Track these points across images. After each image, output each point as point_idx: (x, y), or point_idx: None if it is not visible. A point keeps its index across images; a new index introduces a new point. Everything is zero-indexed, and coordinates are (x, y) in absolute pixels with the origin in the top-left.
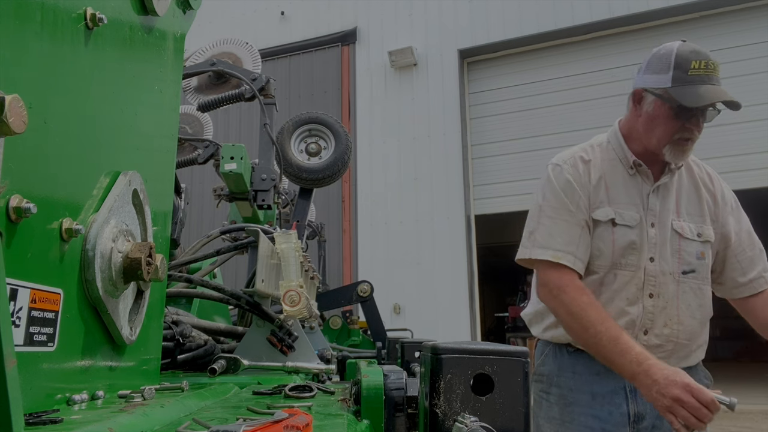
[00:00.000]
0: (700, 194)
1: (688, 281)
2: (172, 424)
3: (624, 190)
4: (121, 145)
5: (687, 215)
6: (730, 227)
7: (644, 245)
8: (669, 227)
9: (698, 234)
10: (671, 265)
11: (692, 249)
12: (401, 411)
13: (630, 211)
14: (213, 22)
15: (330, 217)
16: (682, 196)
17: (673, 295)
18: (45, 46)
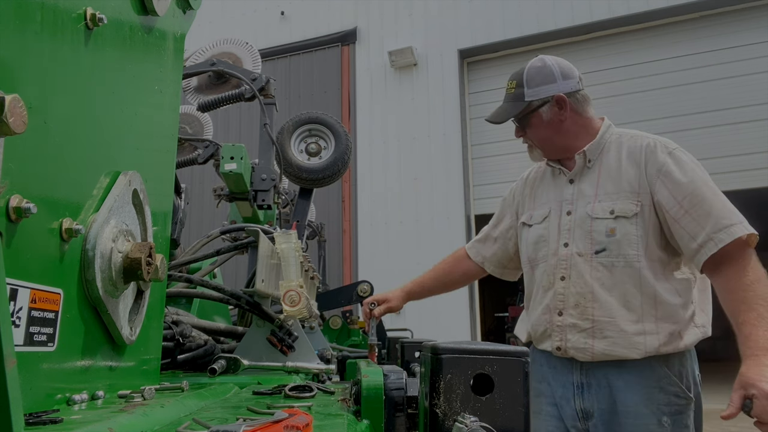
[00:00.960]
0: (621, 170)
1: (601, 259)
2: (172, 424)
3: (546, 191)
4: (121, 145)
5: (604, 195)
6: (663, 194)
7: (554, 235)
8: (584, 211)
9: (611, 211)
10: (583, 247)
11: (602, 227)
12: (401, 411)
13: (542, 209)
14: (213, 22)
15: (330, 217)
16: (602, 177)
17: (587, 275)
18: (45, 46)
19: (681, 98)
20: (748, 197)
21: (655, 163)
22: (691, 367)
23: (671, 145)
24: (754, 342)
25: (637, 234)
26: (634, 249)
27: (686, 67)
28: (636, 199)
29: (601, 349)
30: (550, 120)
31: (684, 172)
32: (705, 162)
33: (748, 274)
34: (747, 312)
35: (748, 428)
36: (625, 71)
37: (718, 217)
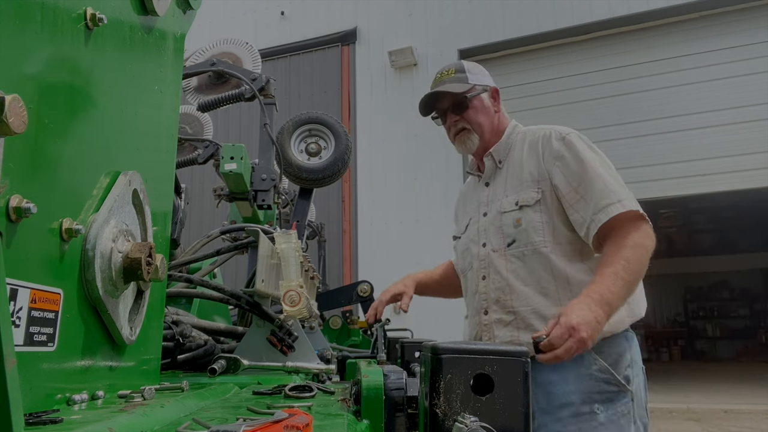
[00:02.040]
0: (523, 163)
1: (513, 251)
2: (172, 424)
3: (470, 201)
4: (121, 145)
5: (510, 189)
6: (559, 179)
7: (474, 239)
8: (494, 209)
9: (516, 202)
10: (496, 242)
11: (509, 220)
12: (401, 411)
13: (465, 218)
14: (213, 22)
15: (330, 217)
16: (509, 173)
17: (502, 270)
18: (45, 46)
19: (681, 98)
20: (748, 197)
21: (551, 150)
22: (629, 353)
23: (565, 131)
24: (593, 289)
25: (542, 220)
26: (539, 235)
27: (686, 67)
28: (536, 186)
29: (528, 340)
30: (489, 107)
31: (576, 157)
32: (705, 162)
33: (626, 242)
34: (605, 267)
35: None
36: (624, 71)
37: (598, 198)
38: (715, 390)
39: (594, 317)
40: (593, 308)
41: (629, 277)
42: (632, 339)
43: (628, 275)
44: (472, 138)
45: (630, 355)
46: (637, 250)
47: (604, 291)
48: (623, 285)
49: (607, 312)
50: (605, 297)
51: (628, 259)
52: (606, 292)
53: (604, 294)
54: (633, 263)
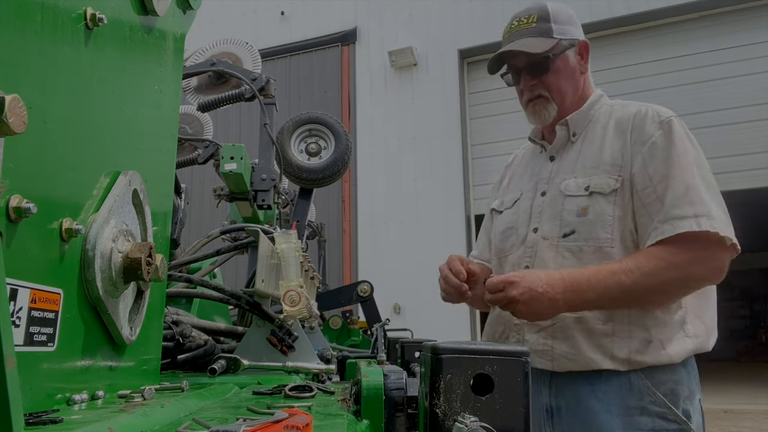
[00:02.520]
0: (605, 142)
1: (568, 244)
2: (172, 424)
3: (523, 172)
4: (121, 145)
5: (582, 170)
6: (638, 167)
7: (524, 220)
8: (557, 189)
9: (586, 187)
10: (550, 230)
11: (573, 206)
12: (401, 411)
13: (513, 192)
14: (213, 22)
15: (330, 217)
16: (584, 151)
17: (550, 262)
18: (45, 46)
19: (681, 98)
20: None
21: (642, 133)
22: (689, 388)
23: (666, 113)
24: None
25: (614, 214)
26: (607, 231)
27: (686, 67)
28: (617, 173)
29: (563, 352)
30: (574, 67)
31: (668, 147)
32: None
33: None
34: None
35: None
36: (624, 71)
37: (672, 203)
38: (715, 390)
39: (546, 293)
40: (554, 286)
41: (629, 283)
42: (693, 369)
43: (629, 280)
44: (548, 108)
45: (688, 385)
46: (669, 271)
47: (583, 280)
48: (614, 287)
49: (571, 302)
50: (579, 285)
51: (643, 270)
52: (584, 282)
53: (581, 282)
54: (647, 276)
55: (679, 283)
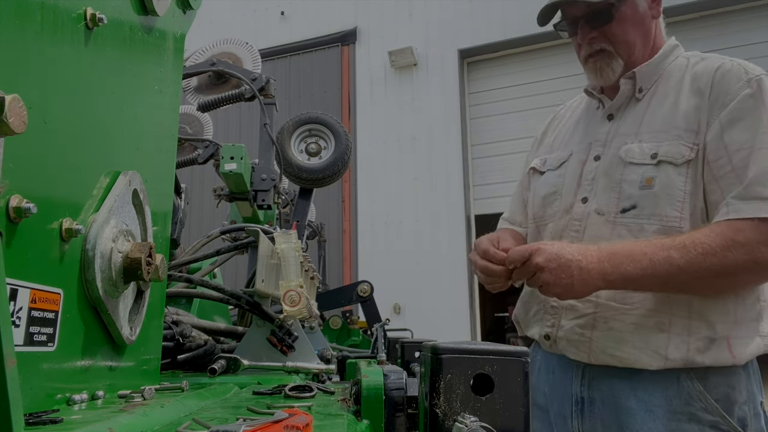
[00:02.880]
0: (679, 101)
1: (627, 221)
2: (172, 424)
3: (574, 130)
4: (121, 145)
5: (648, 133)
6: (714, 133)
7: (571, 186)
8: (616, 154)
9: (653, 154)
10: (607, 202)
11: (636, 176)
12: (401, 411)
13: (561, 151)
14: (213, 22)
15: (330, 217)
16: (651, 110)
17: (603, 241)
18: (45, 46)
19: None
20: None
21: (725, 90)
22: (749, 391)
23: (754, 71)
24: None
25: (685, 189)
26: (676, 208)
27: None
28: (692, 140)
29: (602, 347)
30: (644, 13)
31: (757, 110)
32: None
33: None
34: (664, 237)
35: None
36: None
37: (758, 178)
38: None
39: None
40: (588, 255)
41: (681, 261)
42: (754, 370)
43: (681, 258)
44: (612, 64)
45: (747, 388)
46: (734, 252)
47: (622, 251)
48: (662, 263)
49: (607, 274)
50: (616, 256)
51: (702, 247)
52: (624, 253)
53: (619, 253)
54: (705, 254)
55: (746, 267)
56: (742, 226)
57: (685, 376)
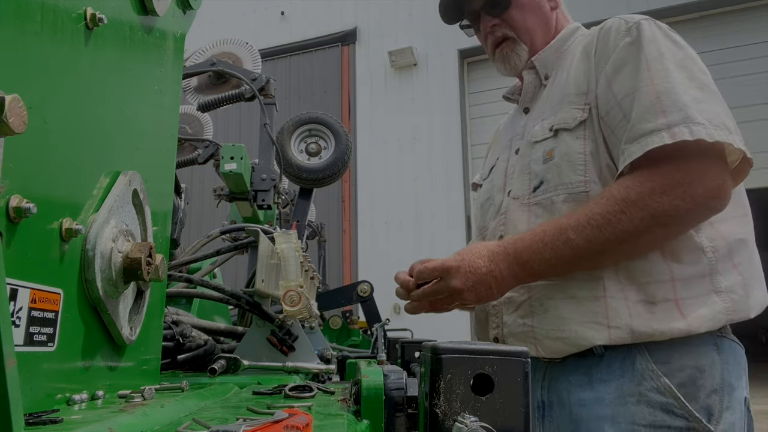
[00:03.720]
0: (571, 71)
1: (539, 199)
2: (172, 424)
3: (504, 135)
4: (121, 145)
5: (549, 110)
6: (601, 88)
7: (500, 186)
8: (526, 140)
9: (551, 128)
10: (520, 187)
11: (539, 154)
12: (401, 411)
13: (491, 158)
14: (213, 22)
15: (330, 217)
16: (552, 90)
17: (521, 225)
18: (45, 46)
19: None
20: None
21: (607, 46)
22: (723, 379)
23: (632, 18)
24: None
25: (584, 151)
26: (578, 173)
27: None
28: (583, 101)
29: (545, 332)
30: (540, 3)
31: (638, 52)
32: None
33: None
34: (563, 217)
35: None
36: None
37: (641, 116)
38: None
39: (490, 272)
40: (498, 261)
41: (580, 241)
42: (730, 349)
43: (579, 238)
44: (517, 50)
45: (720, 374)
46: (628, 213)
47: (524, 248)
48: (563, 249)
49: (521, 277)
50: (521, 256)
51: (594, 219)
52: (527, 250)
53: (523, 252)
54: (599, 227)
55: (646, 225)
56: (630, 183)
57: (641, 357)
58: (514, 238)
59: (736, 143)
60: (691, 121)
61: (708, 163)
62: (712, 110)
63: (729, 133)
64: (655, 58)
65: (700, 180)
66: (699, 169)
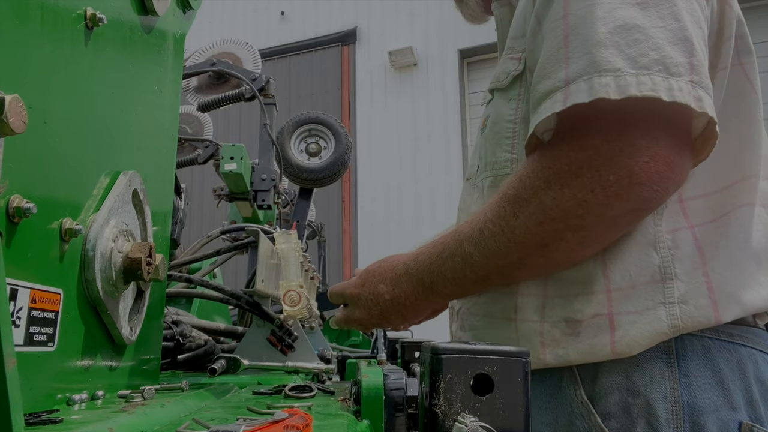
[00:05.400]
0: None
1: (476, 181)
2: (172, 424)
3: None
4: (121, 145)
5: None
6: (531, 28)
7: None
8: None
9: (490, 89)
10: (471, 167)
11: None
12: (401, 411)
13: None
14: (213, 22)
15: (330, 217)
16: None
17: (472, 210)
18: (45, 46)
19: None
20: None
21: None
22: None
23: None
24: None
25: (515, 117)
26: (506, 149)
27: None
28: (520, 47)
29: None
30: None
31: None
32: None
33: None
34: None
35: None
36: None
37: (538, 75)
38: None
39: (396, 298)
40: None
41: (478, 258)
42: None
43: (477, 253)
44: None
45: (671, 393)
46: (521, 213)
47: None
48: (464, 269)
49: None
50: (423, 278)
51: (488, 228)
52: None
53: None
54: (494, 237)
55: (551, 232)
56: (525, 172)
57: (568, 379)
58: (416, 253)
59: (668, 94)
60: (597, 69)
61: (631, 132)
62: (645, 41)
63: (667, 77)
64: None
65: (611, 161)
66: (613, 145)
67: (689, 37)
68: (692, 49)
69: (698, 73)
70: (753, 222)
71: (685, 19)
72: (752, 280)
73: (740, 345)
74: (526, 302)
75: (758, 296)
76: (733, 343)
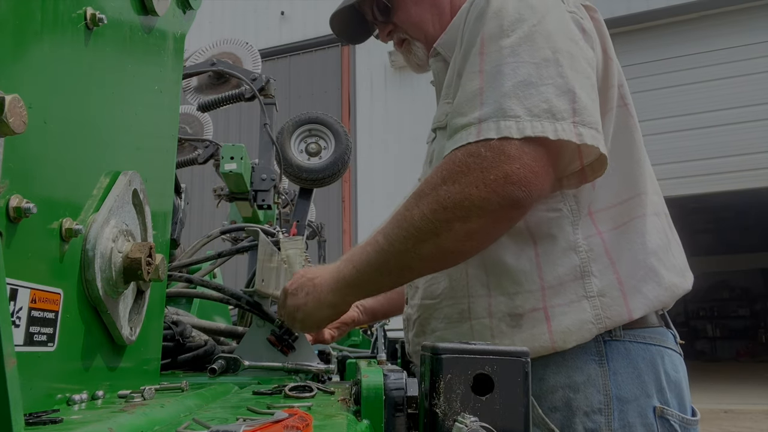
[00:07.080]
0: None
1: None
2: (172, 424)
3: None
4: (121, 145)
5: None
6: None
7: None
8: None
9: (433, 129)
10: None
11: (426, 157)
12: (401, 411)
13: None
14: (213, 22)
15: (330, 217)
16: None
17: None
18: (45, 46)
19: (681, 98)
20: (748, 197)
21: (464, 24)
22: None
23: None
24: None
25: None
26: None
27: (686, 67)
28: (452, 94)
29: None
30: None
31: (475, 35)
32: (706, 162)
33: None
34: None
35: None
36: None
37: (456, 109)
38: (715, 390)
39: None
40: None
41: (386, 246)
42: (621, 354)
43: (386, 243)
44: (413, 49)
45: (603, 388)
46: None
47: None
48: (378, 260)
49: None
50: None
51: (395, 214)
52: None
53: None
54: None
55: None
56: (429, 176)
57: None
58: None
59: (554, 134)
60: (503, 115)
61: (517, 149)
62: (537, 95)
63: (553, 122)
64: (493, 37)
65: (496, 166)
66: (500, 155)
67: (572, 88)
68: (574, 98)
69: (580, 114)
70: (647, 228)
71: (569, 75)
72: (653, 274)
73: (651, 345)
74: (477, 303)
75: (657, 287)
76: (647, 344)
